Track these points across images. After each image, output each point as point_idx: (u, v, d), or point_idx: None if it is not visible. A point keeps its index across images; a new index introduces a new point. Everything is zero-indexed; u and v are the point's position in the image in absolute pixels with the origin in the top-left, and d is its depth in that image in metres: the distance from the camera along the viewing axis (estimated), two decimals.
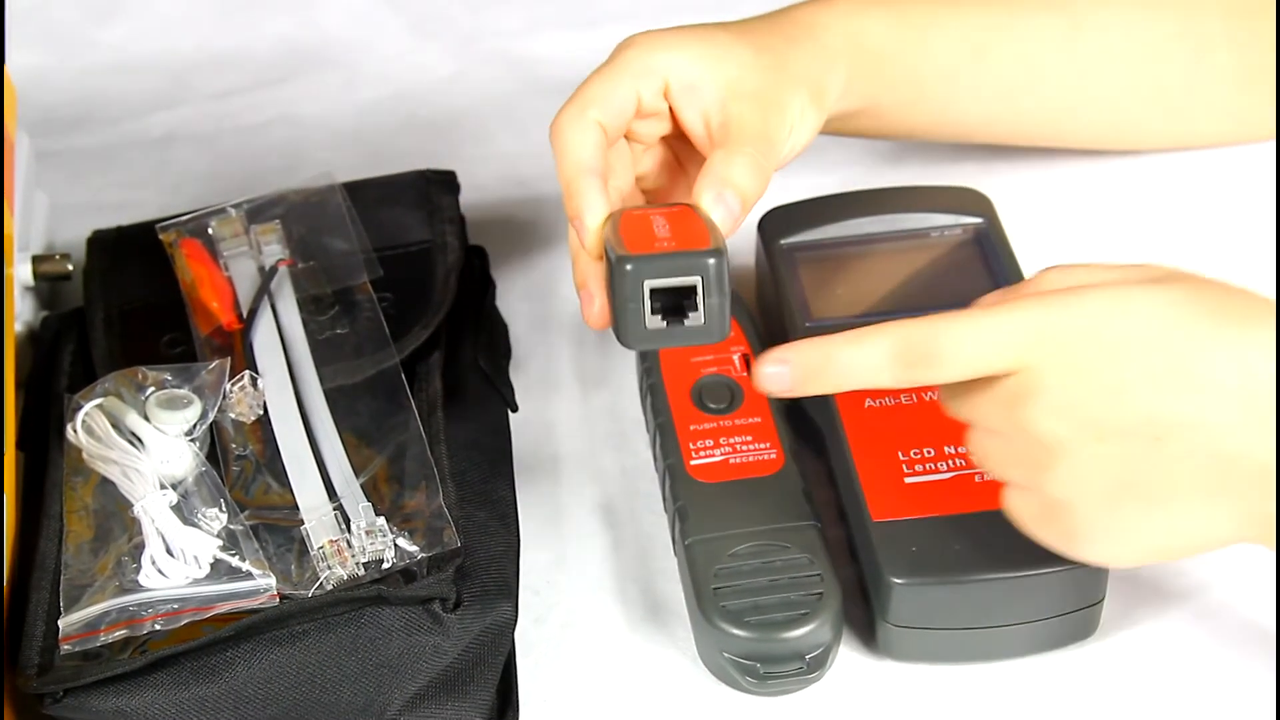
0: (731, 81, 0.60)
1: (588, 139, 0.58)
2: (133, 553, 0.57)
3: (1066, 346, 0.50)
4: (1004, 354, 0.51)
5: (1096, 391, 0.50)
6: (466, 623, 0.56)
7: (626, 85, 0.60)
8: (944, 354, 0.51)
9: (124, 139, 0.81)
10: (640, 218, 0.56)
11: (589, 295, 0.57)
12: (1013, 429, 0.51)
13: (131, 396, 0.61)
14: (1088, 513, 0.51)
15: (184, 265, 0.66)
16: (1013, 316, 0.51)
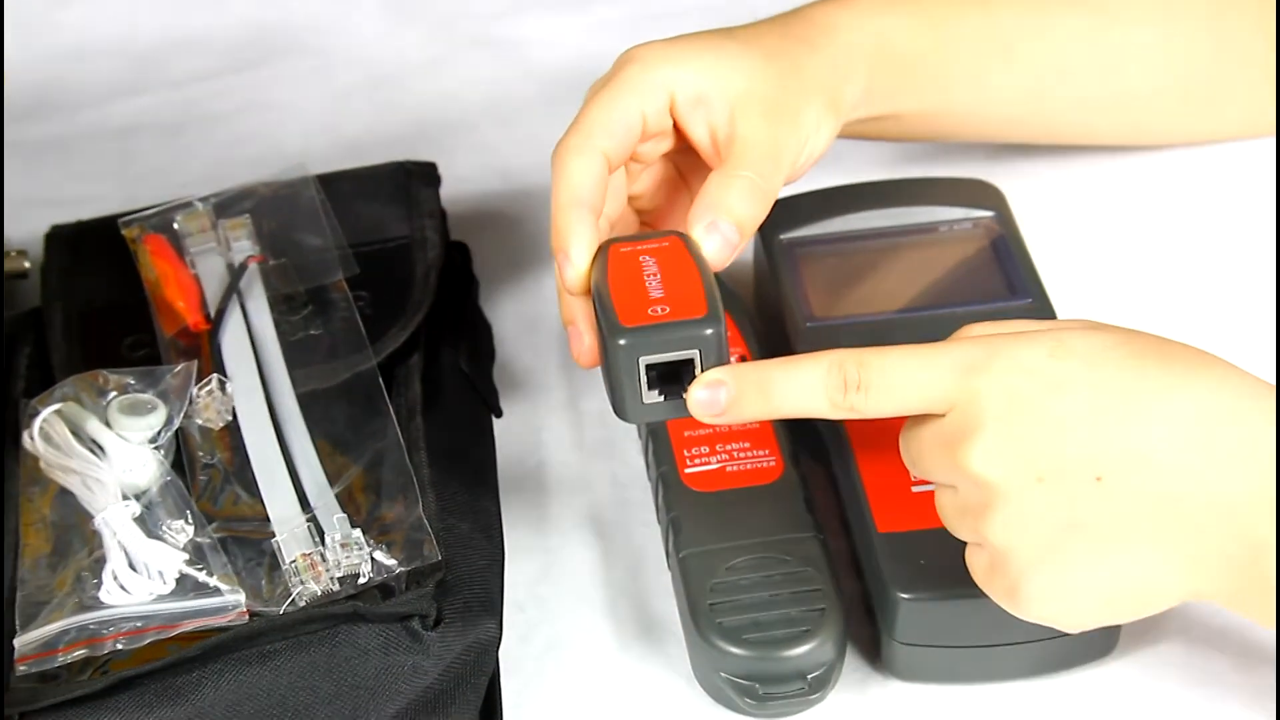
0: (741, 93, 0.60)
1: (589, 171, 0.59)
2: (93, 567, 0.58)
3: (1004, 383, 0.51)
4: (937, 386, 0.52)
5: (1034, 429, 0.50)
6: (448, 641, 0.57)
7: (632, 106, 0.60)
8: (875, 382, 0.52)
9: (84, 128, 0.81)
10: (629, 259, 0.57)
11: (577, 332, 0.58)
12: (953, 472, 0.52)
13: (92, 402, 0.61)
14: (1028, 561, 0.51)
15: (148, 262, 0.66)
16: (949, 350, 0.52)
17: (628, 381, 0.55)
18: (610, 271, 0.56)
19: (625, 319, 0.55)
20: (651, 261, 0.57)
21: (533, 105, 0.81)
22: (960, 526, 0.54)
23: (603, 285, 0.56)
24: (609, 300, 0.55)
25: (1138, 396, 0.50)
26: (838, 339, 0.64)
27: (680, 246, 0.57)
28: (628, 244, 0.58)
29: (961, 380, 0.51)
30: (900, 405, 0.53)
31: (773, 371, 0.54)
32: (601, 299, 0.56)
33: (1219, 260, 0.72)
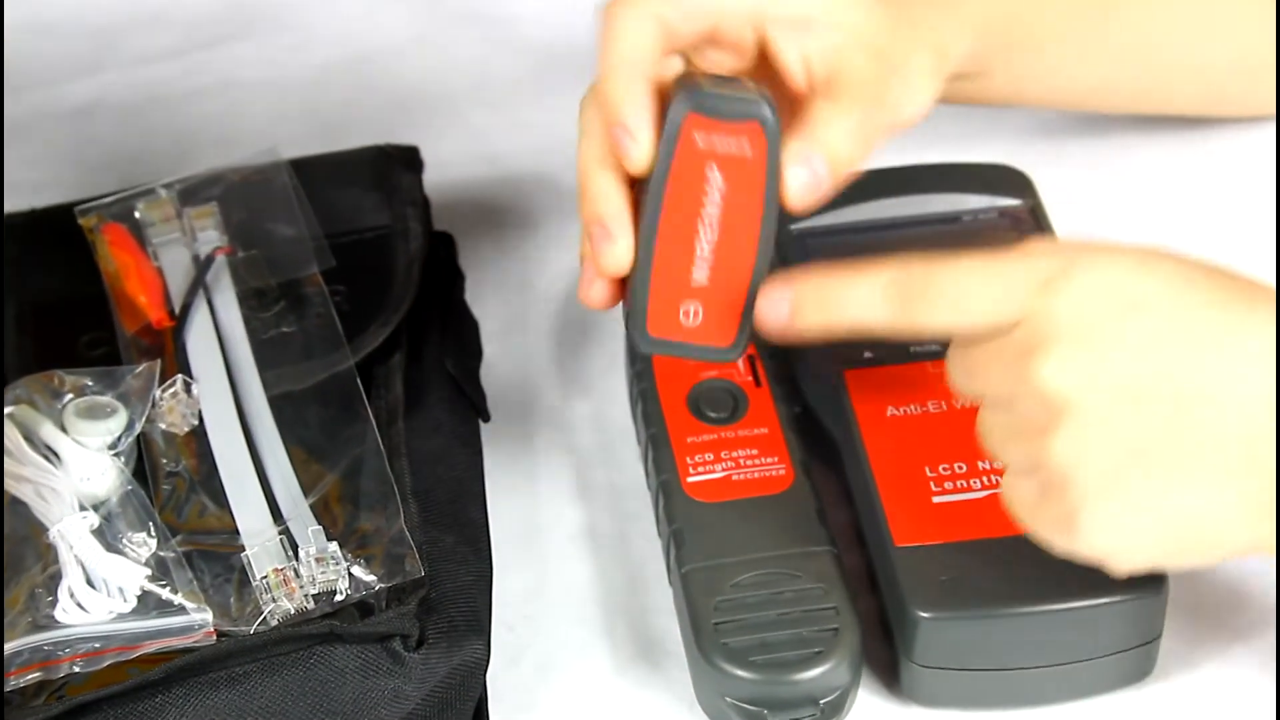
0: (852, 27, 0.58)
1: (645, 33, 0.55)
2: (48, 584, 0.57)
3: (1083, 298, 0.51)
4: (1009, 300, 0.51)
5: (1114, 347, 0.50)
6: (431, 663, 0.56)
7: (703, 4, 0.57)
8: (943, 290, 0.52)
9: (38, 109, 0.81)
10: (696, 171, 0.54)
11: (609, 234, 0.56)
12: (1017, 386, 0.51)
13: (46, 404, 0.61)
14: (1091, 487, 0.51)
15: (107, 254, 0.66)
16: (1023, 262, 0.52)
17: None
18: (669, 196, 0.55)
19: (654, 324, 0.57)
20: (717, 190, 0.55)
21: (523, 86, 0.82)
22: (1010, 449, 0.53)
23: (653, 224, 0.55)
24: (649, 272, 0.56)
25: (1222, 328, 0.51)
26: None
27: (760, 159, 0.55)
28: (704, 123, 0.54)
29: (1037, 294, 0.51)
30: (966, 318, 0.52)
31: (833, 281, 0.54)
32: (643, 252, 0.56)
33: (1260, 251, 0.72)
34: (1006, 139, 0.75)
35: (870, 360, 0.63)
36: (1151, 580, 0.57)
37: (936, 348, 0.64)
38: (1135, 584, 0.57)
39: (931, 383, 0.63)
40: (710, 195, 0.56)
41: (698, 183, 0.55)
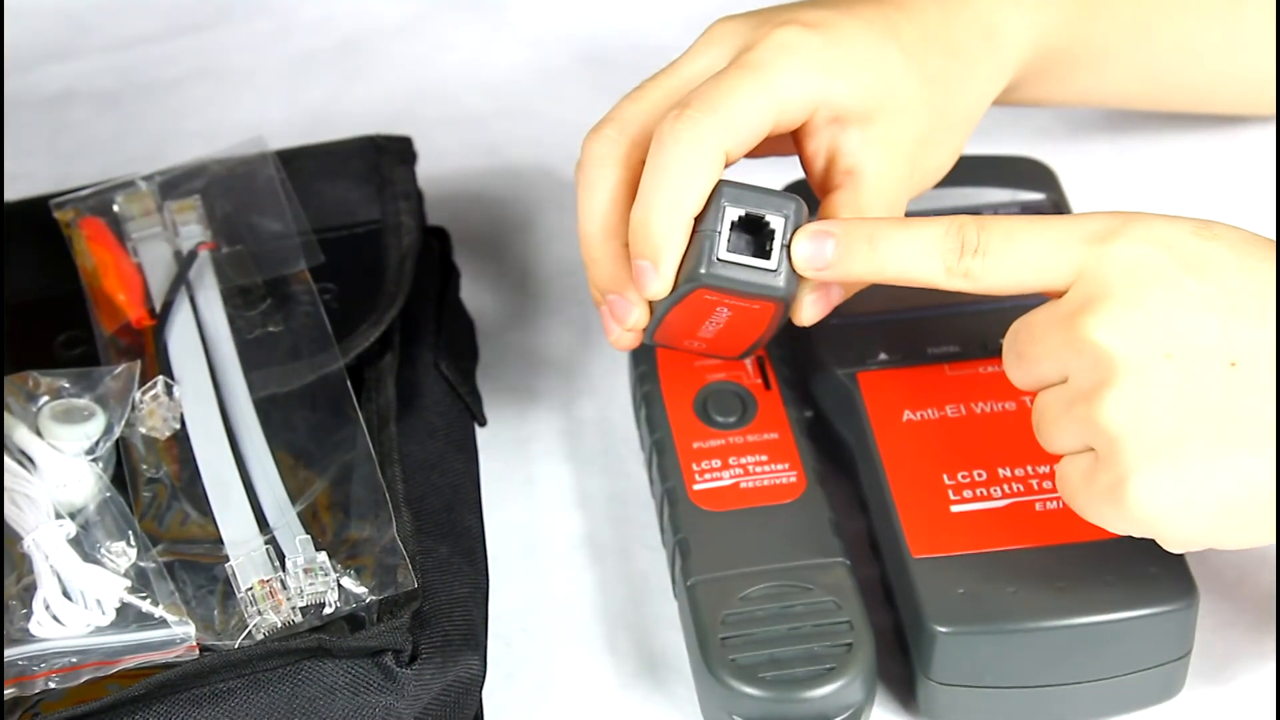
0: (886, 128, 0.60)
1: (705, 170, 0.56)
2: (22, 596, 0.57)
3: (1136, 252, 0.52)
4: (1063, 258, 0.53)
5: (1166, 303, 0.52)
6: (425, 679, 0.57)
7: (770, 113, 0.58)
8: (997, 247, 0.54)
9: (11, 97, 0.81)
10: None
11: (622, 306, 0.59)
12: (1070, 349, 0.53)
13: (21, 407, 0.61)
14: (1142, 450, 0.52)
15: (84, 249, 0.66)
16: (1077, 221, 0.54)
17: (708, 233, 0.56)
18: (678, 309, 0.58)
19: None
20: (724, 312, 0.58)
21: (521, 73, 0.82)
22: (1064, 427, 0.54)
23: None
24: None
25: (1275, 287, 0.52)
26: (866, 337, 0.64)
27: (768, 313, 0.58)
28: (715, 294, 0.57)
29: (1089, 249, 0.53)
30: (1020, 276, 0.54)
31: (885, 226, 0.55)
32: None
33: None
34: (1029, 131, 0.75)
35: (885, 362, 0.64)
36: (1181, 594, 0.57)
37: (955, 349, 0.64)
38: (1164, 597, 0.57)
39: (949, 386, 0.63)
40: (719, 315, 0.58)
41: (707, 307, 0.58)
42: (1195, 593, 0.58)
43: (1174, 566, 0.58)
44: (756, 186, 0.57)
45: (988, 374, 0.63)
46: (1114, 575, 0.58)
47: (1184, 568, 0.58)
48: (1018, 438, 0.61)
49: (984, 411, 0.62)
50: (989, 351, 0.64)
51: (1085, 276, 0.53)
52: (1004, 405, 0.63)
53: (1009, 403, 0.63)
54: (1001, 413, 0.62)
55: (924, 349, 0.64)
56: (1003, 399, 0.63)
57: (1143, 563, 0.58)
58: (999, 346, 0.64)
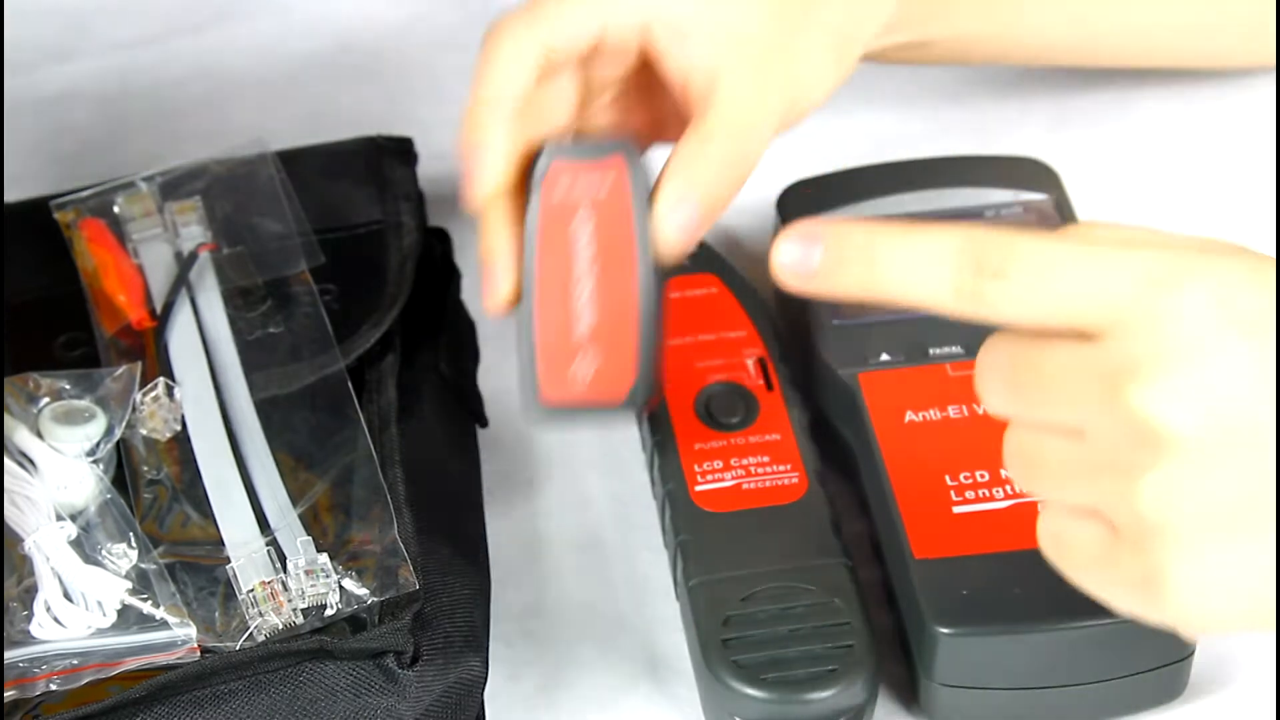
0: (731, 35, 0.58)
1: (521, 63, 0.57)
2: (23, 598, 0.58)
3: (1200, 310, 0.45)
4: (1108, 296, 0.46)
5: (1233, 372, 0.45)
6: (426, 681, 0.57)
7: (594, 14, 0.58)
8: (1023, 271, 0.46)
9: (12, 97, 0.81)
10: (560, 222, 0.57)
11: (493, 274, 0.57)
12: (1107, 412, 0.46)
13: (21, 409, 0.61)
14: (1187, 541, 0.46)
15: (84, 250, 0.66)
16: (1125, 254, 0.46)
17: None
18: (540, 248, 0.56)
19: (547, 388, 0.57)
20: (587, 233, 0.56)
21: None
22: (1072, 487, 0.48)
23: (530, 280, 0.57)
24: (532, 332, 0.57)
25: None
26: (869, 339, 0.64)
27: (624, 190, 0.56)
28: (567, 167, 0.56)
29: (1145, 295, 0.45)
30: (1048, 311, 0.46)
31: (887, 233, 0.48)
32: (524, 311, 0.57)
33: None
34: (1033, 131, 0.75)
35: (887, 363, 0.64)
36: None
37: (957, 349, 0.65)
38: None
39: (952, 386, 0.63)
40: (581, 241, 0.57)
41: (567, 231, 0.57)
42: None
43: None
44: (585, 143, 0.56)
45: None
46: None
47: None
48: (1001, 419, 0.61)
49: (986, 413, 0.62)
50: None
51: (1136, 329, 0.45)
52: None
53: None
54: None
55: (926, 349, 0.64)
56: None
57: None
58: None
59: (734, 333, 0.64)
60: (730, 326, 0.63)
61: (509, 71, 0.58)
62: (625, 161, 0.57)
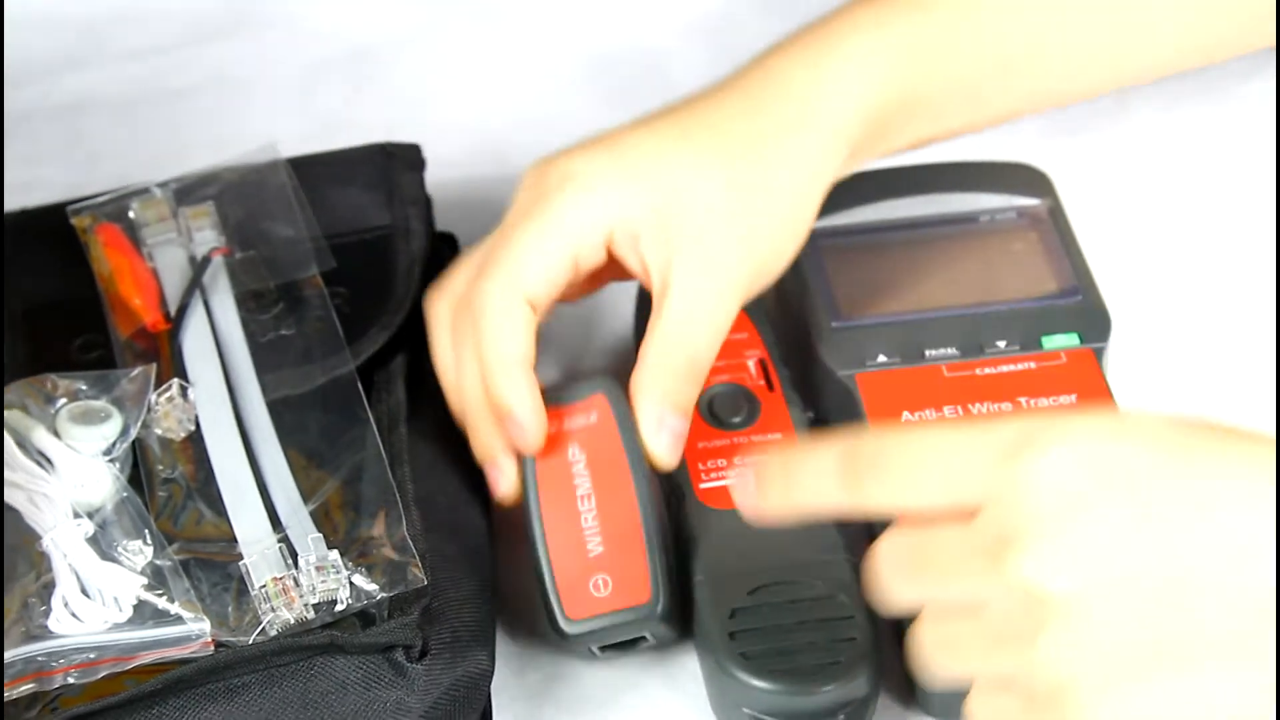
0: (682, 232, 0.60)
1: (519, 326, 0.60)
2: (41, 593, 0.58)
3: (1058, 471, 0.46)
4: (972, 475, 0.47)
5: (1101, 530, 0.46)
6: (435, 674, 0.57)
7: (564, 254, 0.61)
8: (895, 463, 0.48)
9: (29, 105, 0.81)
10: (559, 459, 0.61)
11: (498, 469, 0.61)
12: (987, 588, 0.47)
13: (39, 409, 0.61)
14: (1092, 694, 0.46)
15: (100, 255, 0.66)
16: (985, 431, 0.47)
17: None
18: (541, 482, 0.61)
19: (570, 609, 0.59)
20: (582, 462, 0.61)
21: (529, 80, 0.81)
22: (980, 664, 0.48)
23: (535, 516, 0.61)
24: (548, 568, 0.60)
25: (1221, 492, 0.45)
26: (867, 341, 0.65)
27: (610, 421, 0.61)
28: (555, 411, 0.61)
29: (1001, 470, 0.47)
30: (926, 494, 0.48)
31: (791, 459, 0.51)
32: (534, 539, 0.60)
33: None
34: (1027, 137, 0.75)
35: (884, 364, 0.64)
36: None
37: (952, 351, 0.65)
38: None
39: (946, 386, 0.63)
40: (578, 469, 0.61)
41: (565, 463, 0.61)
42: None
43: None
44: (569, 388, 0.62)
45: (984, 375, 0.64)
46: None
47: None
48: None
49: (981, 412, 0.62)
50: (986, 353, 0.64)
51: (1006, 500, 0.46)
52: (1000, 406, 0.63)
53: (1005, 403, 0.63)
54: (998, 414, 0.62)
55: (922, 350, 0.64)
56: (999, 399, 0.63)
57: None
58: (996, 348, 0.64)
59: (735, 335, 0.64)
60: (732, 330, 0.63)
61: (510, 333, 0.60)
62: (607, 399, 0.61)
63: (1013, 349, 0.64)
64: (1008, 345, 0.64)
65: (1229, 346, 0.70)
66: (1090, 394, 0.63)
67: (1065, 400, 0.63)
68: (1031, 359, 0.64)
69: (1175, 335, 0.70)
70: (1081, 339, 0.65)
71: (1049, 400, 0.63)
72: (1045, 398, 0.63)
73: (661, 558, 0.59)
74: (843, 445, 0.50)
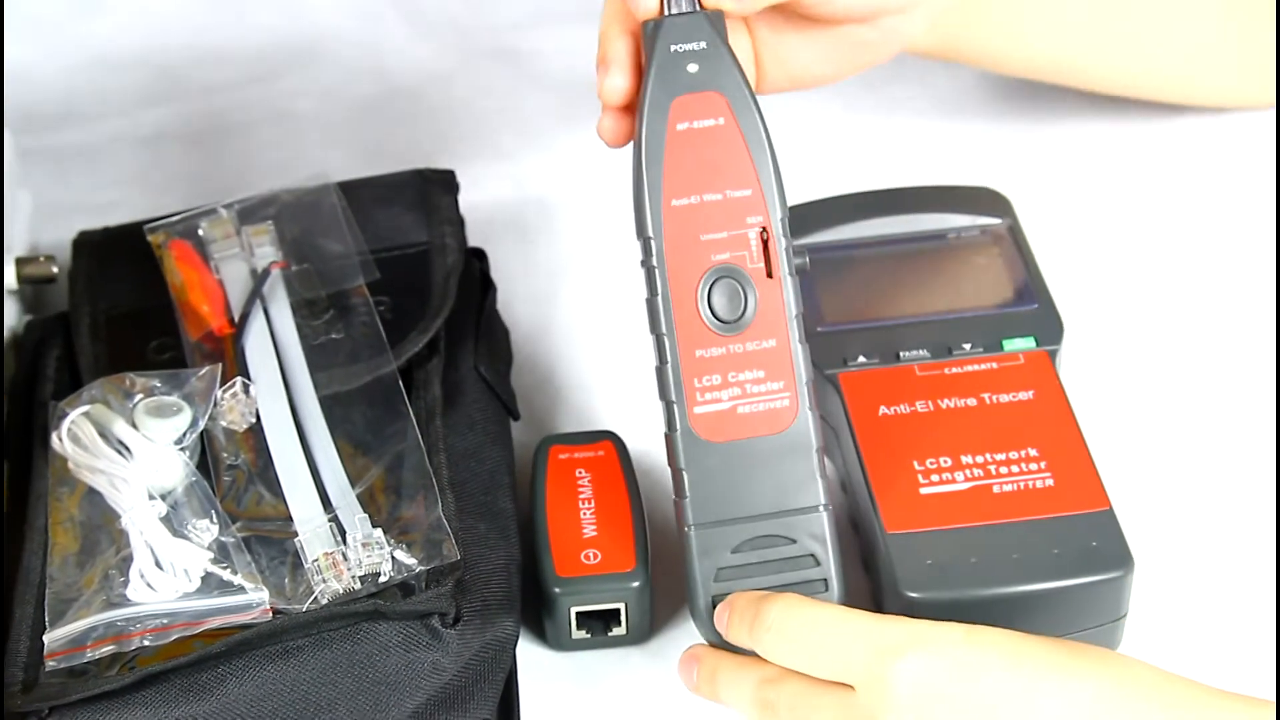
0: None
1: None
2: (120, 566, 0.58)
3: (917, 674, 0.51)
4: (849, 660, 0.52)
5: (951, 714, 0.50)
6: (466, 638, 0.57)
7: None
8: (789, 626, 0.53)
9: (111, 136, 0.81)
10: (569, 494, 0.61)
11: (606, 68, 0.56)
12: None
13: (119, 404, 0.61)
14: None
15: (173, 268, 0.66)
16: (872, 628, 0.52)
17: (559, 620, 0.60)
18: (549, 489, 0.61)
19: (561, 568, 0.59)
20: (587, 484, 0.61)
21: (548, 115, 0.81)
22: None
23: (540, 504, 0.61)
24: (545, 537, 0.60)
25: (1046, 684, 0.50)
26: (848, 343, 0.64)
27: (614, 459, 0.62)
28: (567, 449, 0.63)
29: (876, 662, 0.51)
30: (807, 663, 0.53)
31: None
32: (536, 524, 0.61)
33: (1224, 265, 0.72)
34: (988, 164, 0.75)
35: (863, 364, 0.64)
36: (1119, 563, 0.57)
37: (924, 353, 0.64)
38: (1105, 566, 0.57)
39: (919, 384, 0.63)
40: (583, 485, 0.62)
41: (571, 479, 0.62)
42: (1131, 562, 0.57)
43: (1113, 540, 0.58)
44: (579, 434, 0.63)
45: (952, 374, 0.63)
46: (1061, 547, 0.58)
47: (1121, 540, 0.58)
48: (978, 430, 0.61)
49: (949, 407, 0.62)
50: (953, 354, 0.64)
51: (872, 688, 0.51)
52: (966, 402, 0.62)
53: (970, 399, 0.63)
54: (964, 408, 0.62)
55: (897, 352, 0.64)
56: (965, 396, 0.63)
57: (1086, 537, 0.58)
58: (962, 350, 0.64)
59: (739, 192, 0.56)
60: (736, 185, 0.56)
61: None
62: (612, 444, 0.63)
63: (977, 351, 0.64)
64: (972, 348, 0.64)
65: (1171, 348, 0.70)
66: (1045, 391, 0.63)
67: (1024, 396, 0.62)
68: (993, 360, 0.64)
69: (1122, 339, 0.70)
70: (1038, 342, 0.64)
71: (1009, 396, 0.62)
72: (1005, 394, 0.62)
73: (646, 552, 0.59)
74: (748, 598, 0.55)
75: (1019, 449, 0.60)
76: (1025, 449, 0.60)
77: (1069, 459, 0.60)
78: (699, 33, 0.56)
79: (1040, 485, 0.59)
